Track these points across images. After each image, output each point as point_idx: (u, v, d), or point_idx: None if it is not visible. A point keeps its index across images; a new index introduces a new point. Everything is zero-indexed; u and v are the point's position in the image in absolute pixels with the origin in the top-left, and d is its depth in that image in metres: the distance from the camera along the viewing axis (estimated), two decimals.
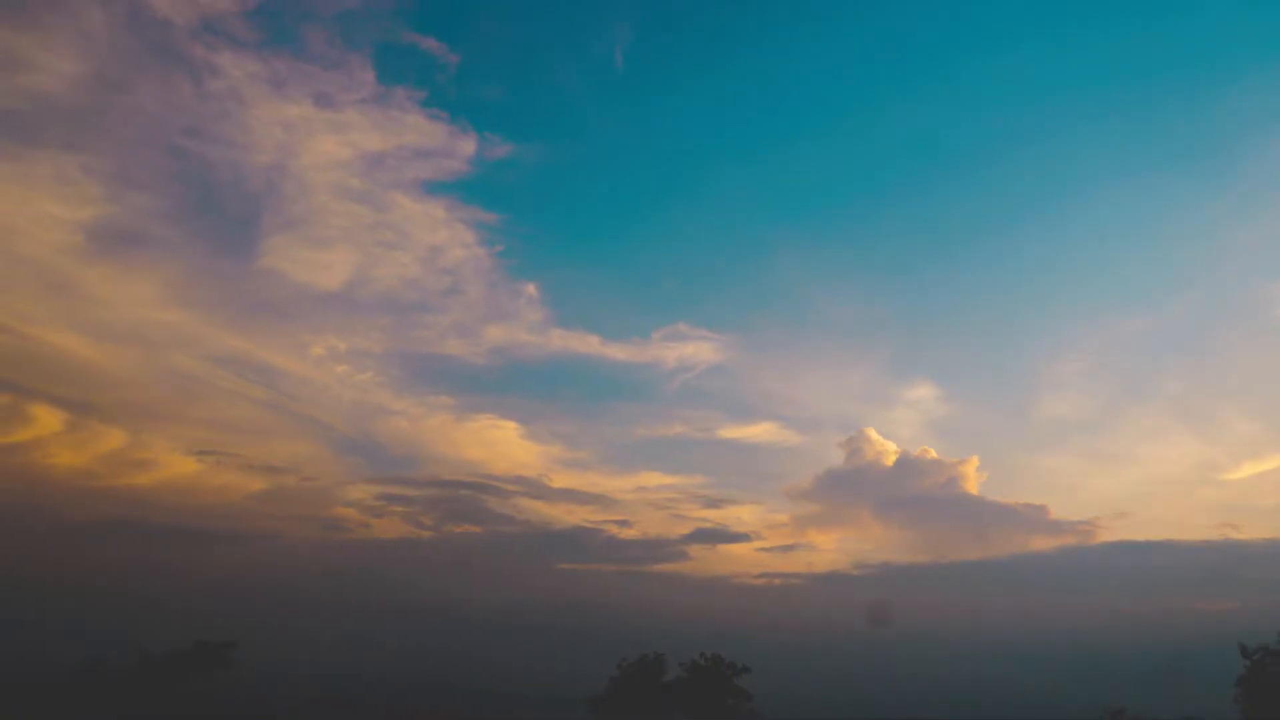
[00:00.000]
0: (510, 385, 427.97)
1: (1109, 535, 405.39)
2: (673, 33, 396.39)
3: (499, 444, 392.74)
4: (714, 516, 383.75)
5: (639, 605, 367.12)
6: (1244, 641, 58.13)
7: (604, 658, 70.01)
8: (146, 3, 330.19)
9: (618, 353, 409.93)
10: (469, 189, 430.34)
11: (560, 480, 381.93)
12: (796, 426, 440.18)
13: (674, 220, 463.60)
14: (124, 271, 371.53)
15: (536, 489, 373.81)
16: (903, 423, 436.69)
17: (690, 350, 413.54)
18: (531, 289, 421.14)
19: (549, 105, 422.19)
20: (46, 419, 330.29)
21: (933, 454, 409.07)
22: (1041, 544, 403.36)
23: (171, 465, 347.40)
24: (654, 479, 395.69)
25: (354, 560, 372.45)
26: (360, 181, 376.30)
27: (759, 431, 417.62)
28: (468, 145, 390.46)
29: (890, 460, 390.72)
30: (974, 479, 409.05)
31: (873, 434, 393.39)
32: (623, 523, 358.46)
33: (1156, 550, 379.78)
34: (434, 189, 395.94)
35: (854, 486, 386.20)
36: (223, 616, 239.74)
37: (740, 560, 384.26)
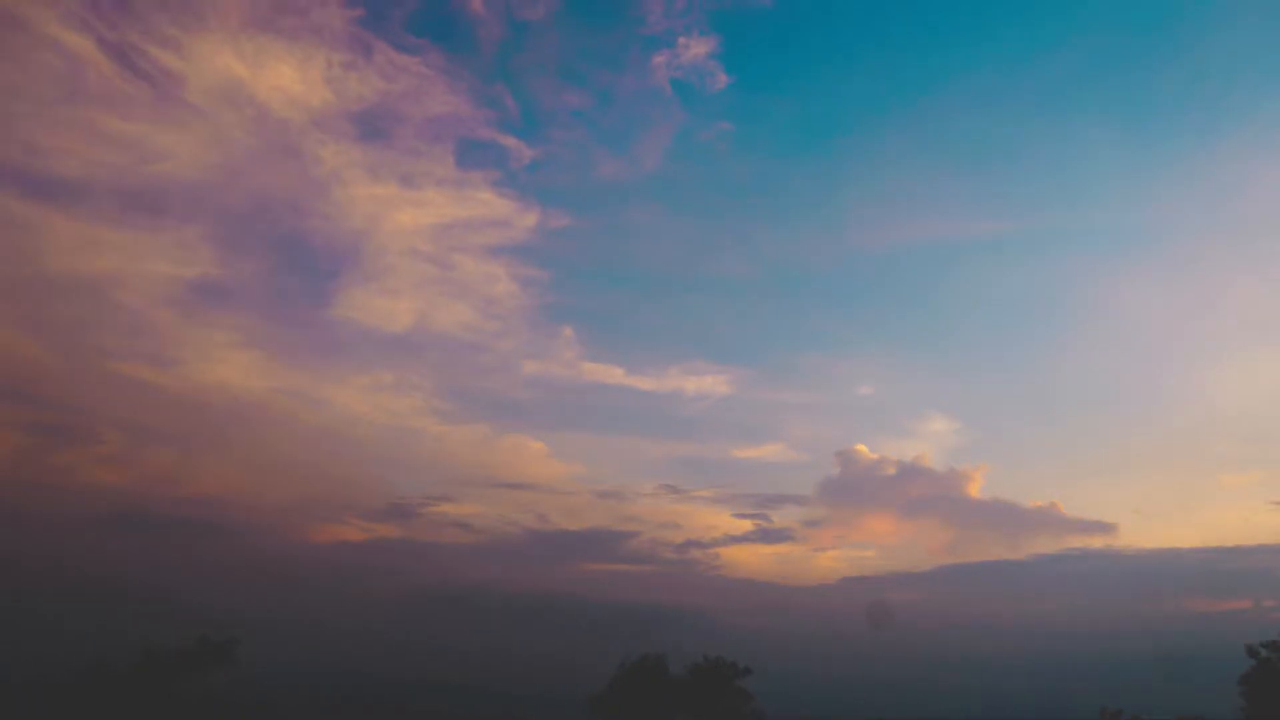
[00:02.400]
0: (542, 412, 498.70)
1: (1111, 541, 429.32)
2: (692, 153, 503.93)
3: (527, 461, 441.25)
4: (725, 525, 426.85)
5: (655, 605, 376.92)
6: (1250, 640, 58.03)
7: (613, 656, 69.71)
8: (270, 106, 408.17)
9: (640, 383, 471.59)
10: (525, 251, 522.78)
11: (582, 491, 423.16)
12: (805, 449, 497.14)
13: (692, 275, 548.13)
14: (208, 319, 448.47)
15: (558, 497, 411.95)
16: (918, 452, 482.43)
17: (708, 382, 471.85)
18: (568, 331, 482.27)
19: (603, 191, 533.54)
20: (110, 438, 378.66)
21: (928, 461, 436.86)
22: (1050, 545, 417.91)
23: (217, 479, 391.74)
24: (671, 491, 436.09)
25: (378, 562, 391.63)
26: (431, 246, 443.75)
27: (768, 452, 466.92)
28: (530, 218, 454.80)
29: (889, 470, 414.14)
30: (979, 484, 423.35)
31: (863, 449, 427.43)
32: (640, 527, 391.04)
33: (1160, 556, 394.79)
34: (495, 252, 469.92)
35: (852, 495, 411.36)
36: (249, 616, 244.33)
37: (750, 565, 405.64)
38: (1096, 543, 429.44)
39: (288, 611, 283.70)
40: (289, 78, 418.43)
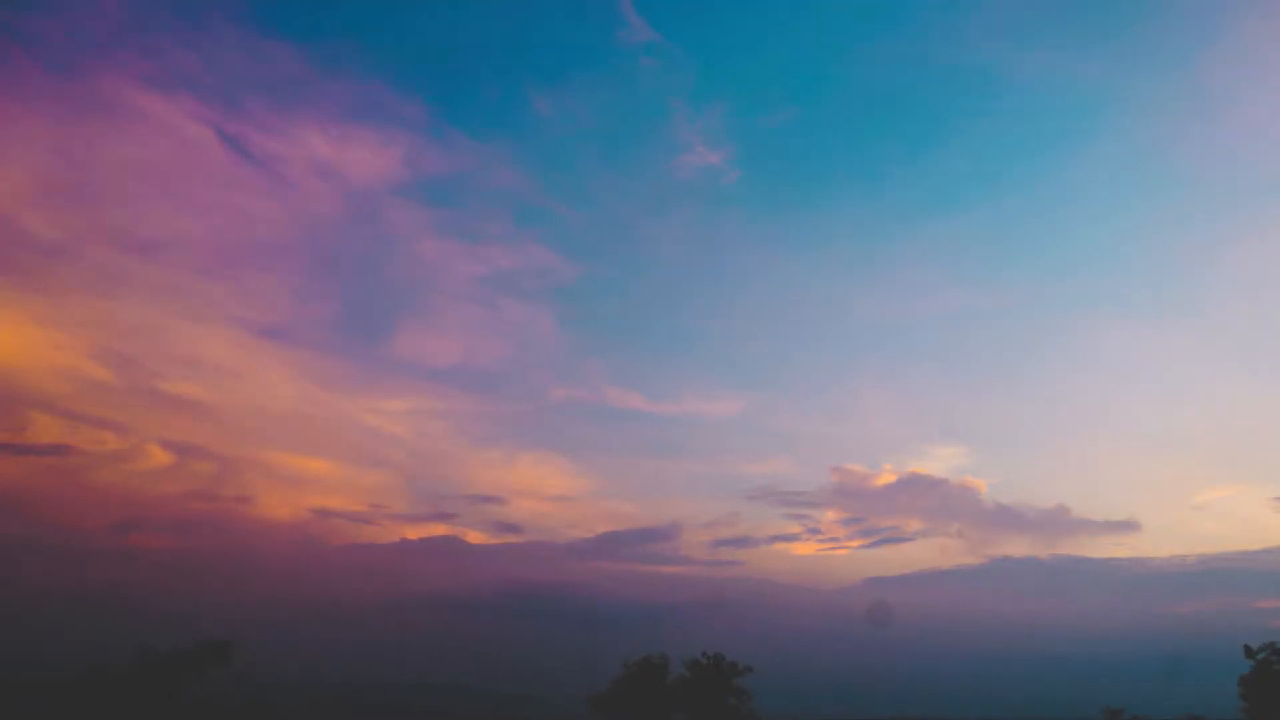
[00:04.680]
0: (565, 433, 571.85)
1: (1135, 544, 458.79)
2: (708, 229, 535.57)
3: (549, 475, 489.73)
4: (731, 531, 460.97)
5: (665, 605, 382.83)
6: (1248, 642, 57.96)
7: (623, 654, 69.84)
8: (351, 179, 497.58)
9: (658, 408, 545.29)
10: (566, 294, 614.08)
11: (600, 503, 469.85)
12: (809, 464, 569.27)
13: (709, 327, 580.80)
14: (270, 355, 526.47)
15: (576, 504, 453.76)
16: (930, 471, 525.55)
17: (721, 406, 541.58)
18: (597, 363, 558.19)
19: (636, 252, 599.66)
20: (157, 456, 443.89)
21: (924, 471, 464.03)
22: (1062, 548, 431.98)
23: (256, 494, 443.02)
24: (682, 501, 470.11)
25: (398, 564, 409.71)
26: (484, 290, 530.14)
27: (775, 467, 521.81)
28: (575, 269, 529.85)
29: (889, 479, 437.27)
30: (984, 492, 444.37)
31: (857, 467, 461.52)
32: (656, 530, 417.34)
33: (1160, 561, 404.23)
34: (539, 296, 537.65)
35: (859, 502, 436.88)
36: (264, 617, 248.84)
37: (769, 566, 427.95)
38: (1120, 542, 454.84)
39: (297, 611, 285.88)
40: (370, 158, 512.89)
